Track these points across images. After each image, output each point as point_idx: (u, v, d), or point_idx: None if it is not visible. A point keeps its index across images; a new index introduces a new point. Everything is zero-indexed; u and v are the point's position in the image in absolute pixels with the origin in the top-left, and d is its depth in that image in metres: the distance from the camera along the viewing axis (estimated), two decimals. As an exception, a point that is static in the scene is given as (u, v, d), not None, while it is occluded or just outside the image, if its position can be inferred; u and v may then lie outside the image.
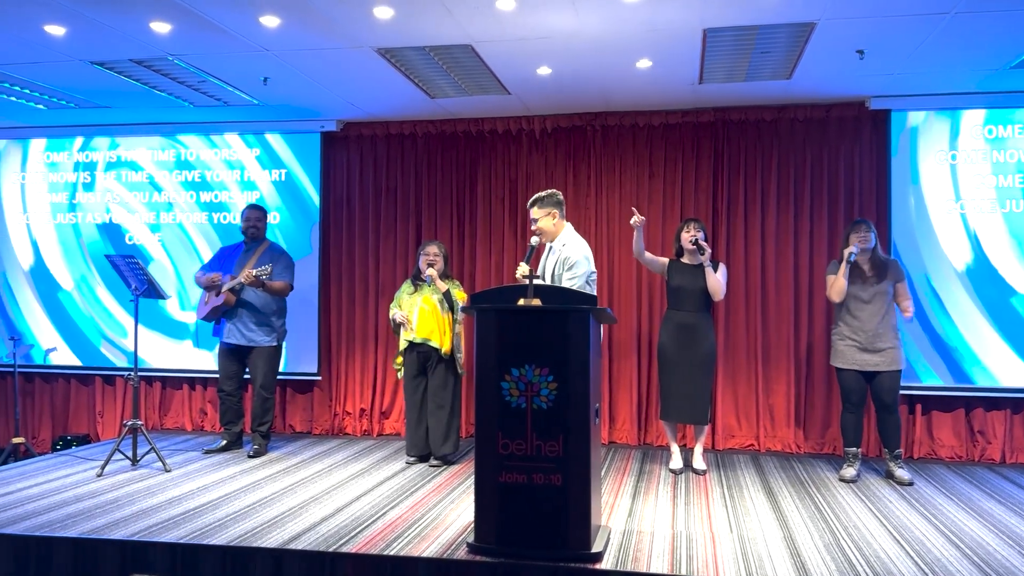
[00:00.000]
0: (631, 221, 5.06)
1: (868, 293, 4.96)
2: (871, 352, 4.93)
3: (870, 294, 4.96)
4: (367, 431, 6.60)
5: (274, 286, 5.65)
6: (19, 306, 6.99)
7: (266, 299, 5.68)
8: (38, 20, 4.29)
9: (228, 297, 5.60)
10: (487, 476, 3.52)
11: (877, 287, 4.96)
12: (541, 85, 5.47)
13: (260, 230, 5.82)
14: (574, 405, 3.44)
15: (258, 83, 5.47)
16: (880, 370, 4.92)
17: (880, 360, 4.91)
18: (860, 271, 5.01)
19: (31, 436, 6.97)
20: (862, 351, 4.95)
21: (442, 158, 6.55)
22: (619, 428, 6.27)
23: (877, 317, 4.94)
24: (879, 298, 4.95)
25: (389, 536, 3.82)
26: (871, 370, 4.94)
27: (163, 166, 6.85)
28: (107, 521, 4.05)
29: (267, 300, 5.69)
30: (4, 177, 7.05)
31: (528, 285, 3.59)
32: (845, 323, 5.03)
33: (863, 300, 4.97)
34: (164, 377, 6.83)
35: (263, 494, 4.63)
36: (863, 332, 4.94)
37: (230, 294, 5.60)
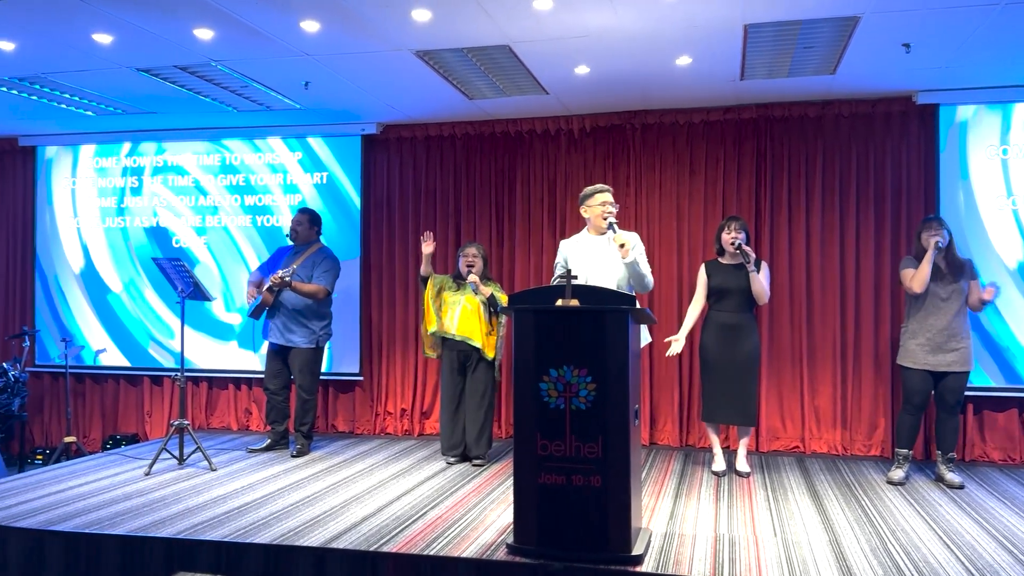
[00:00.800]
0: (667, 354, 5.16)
1: (946, 291, 4.86)
2: (944, 352, 4.82)
3: (948, 292, 4.85)
4: (408, 431, 6.64)
5: (303, 288, 5.67)
6: (70, 308, 7.17)
7: (303, 301, 5.74)
8: (86, 29, 4.39)
9: (266, 296, 5.71)
10: (526, 477, 3.51)
11: (954, 285, 4.85)
12: (579, 84, 5.45)
13: (300, 233, 5.89)
14: (613, 406, 3.42)
15: (299, 87, 5.54)
16: (950, 371, 4.81)
17: (952, 360, 4.80)
18: (937, 269, 4.89)
19: (82, 435, 7.15)
20: (934, 352, 4.83)
21: (480, 159, 6.57)
22: (660, 430, 6.21)
23: (951, 315, 4.83)
24: (956, 296, 4.85)
25: (429, 536, 3.84)
26: (941, 370, 4.83)
27: (208, 170, 6.97)
28: (154, 519, 4.13)
29: (304, 302, 5.75)
30: (55, 182, 7.24)
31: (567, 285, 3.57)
32: (918, 321, 4.91)
33: (941, 298, 4.86)
34: (210, 377, 6.96)
35: (306, 493, 4.69)
36: (938, 331, 4.83)
37: (268, 293, 5.70)
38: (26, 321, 7.22)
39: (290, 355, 5.79)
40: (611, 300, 3.57)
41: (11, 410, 6.31)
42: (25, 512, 4.25)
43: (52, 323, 7.17)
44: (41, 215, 7.25)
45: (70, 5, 4.02)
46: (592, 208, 4.50)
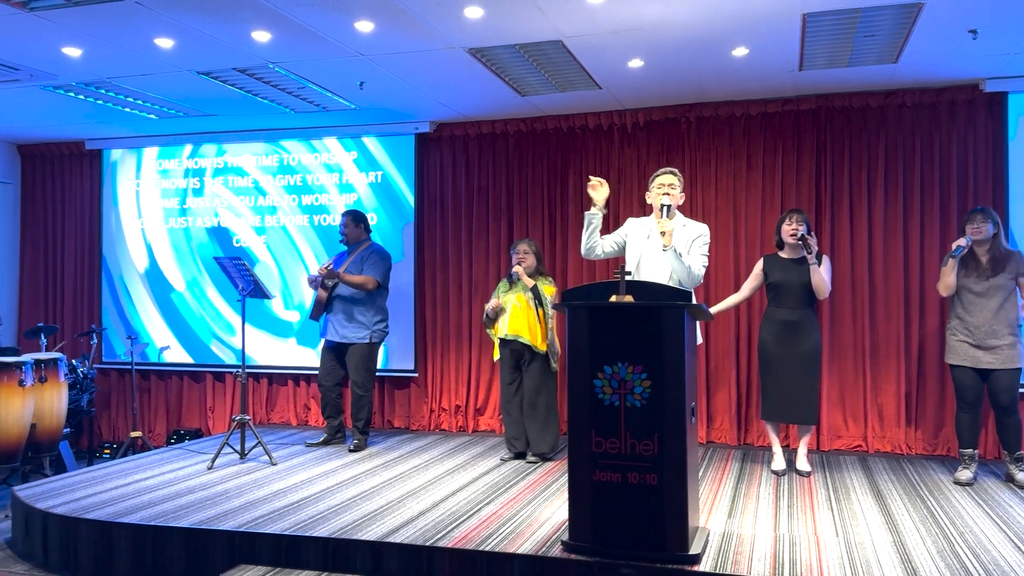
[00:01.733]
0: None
1: (982, 286, 4.68)
2: (984, 349, 4.66)
3: (984, 287, 4.68)
4: (463, 427, 6.68)
5: (351, 279, 5.77)
6: (135, 307, 7.39)
7: (357, 297, 5.84)
8: (149, 34, 4.51)
9: (320, 293, 5.82)
10: (581, 474, 3.50)
11: (993, 281, 4.67)
12: (632, 78, 5.40)
13: (349, 235, 6.00)
14: (669, 403, 3.38)
15: (355, 87, 5.60)
16: (995, 368, 4.64)
17: (993, 359, 4.63)
18: (976, 263, 4.72)
19: (148, 430, 7.36)
20: (975, 347, 4.68)
21: (533, 155, 6.56)
22: (718, 428, 6.12)
23: (990, 312, 4.65)
24: (994, 292, 4.66)
25: (484, 532, 3.85)
26: (985, 368, 4.67)
27: (267, 171, 7.11)
28: (217, 512, 4.23)
29: (363, 298, 5.84)
30: (120, 184, 7.47)
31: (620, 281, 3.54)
32: (958, 317, 4.77)
33: (975, 293, 4.69)
34: (270, 374, 7.10)
35: (363, 488, 4.75)
36: (975, 328, 4.67)
37: (322, 290, 5.84)
38: (94, 319, 7.47)
39: (346, 351, 5.88)
40: (667, 296, 3.52)
41: (80, 406, 6.54)
42: (94, 504, 4.39)
43: (118, 321, 7.40)
44: (107, 216, 7.49)
45: (133, 11, 4.14)
46: (652, 191, 4.40)
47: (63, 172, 7.64)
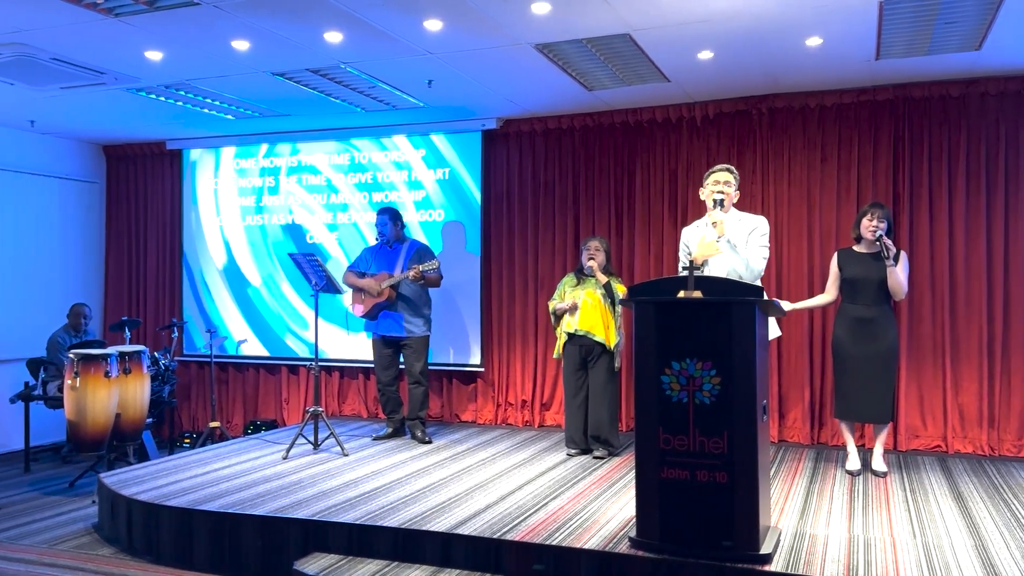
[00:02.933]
0: None
1: None
2: None
3: None
4: (528, 422, 6.70)
5: (432, 279, 5.93)
6: (214, 301, 7.64)
7: (419, 292, 5.96)
8: (226, 36, 4.66)
9: (390, 293, 5.89)
10: (648, 471, 3.47)
11: None
12: (702, 70, 5.32)
13: (389, 233, 6.06)
14: (739, 401, 3.33)
15: (423, 86, 5.67)
16: None
17: None
18: None
19: (226, 421, 7.61)
20: None
21: (600, 151, 6.53)
22: (790, 426, 6.00)
23: None
24: None
25: (551, 526, 3.86)
26: None
27: (339, 169, 7.26)
28: (291, 501, 4.35)
29: (420, 293, 5.97)
30: (199, 183, 7.73)
31: (689, 276, 3.51)
32: None
33: None
34: (342, 367, 7.25)
35: (431, 480, 4.82)
36: None
37: (391, 290, 5.89)
38: (175, 313, 7.75)
39: (406, 345, 5.97)
40: (737, 291, 3.47)
41: (162, 397, 6.80)
42: (175, 492, 4.57)
43: (198, 315, 7.67)
44: (187, 214, 7.76)
45: (211, 14, 4.28)
46: (705, 189, 4.39)
47: (145, 172, 7.95)
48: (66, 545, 4.53)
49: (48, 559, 4.28)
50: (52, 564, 4.20)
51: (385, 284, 5.90)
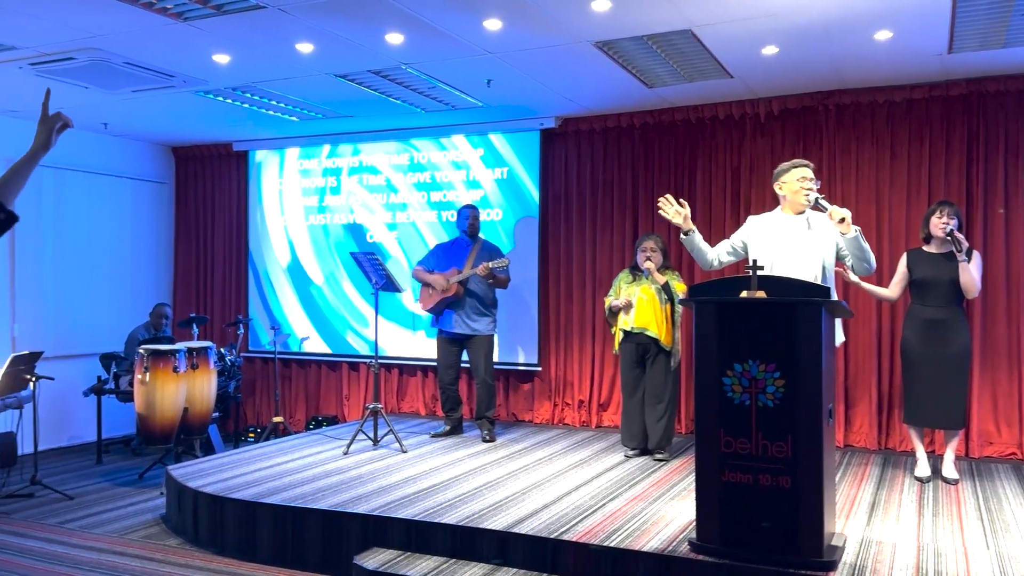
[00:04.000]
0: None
1: None
2: None
3: None
4: (585, 422, 6.67)
5: (501, 279, 5.96)
6: (278, 299, 7.81)
7: (486, 290, 5.96)
8: (291, 39, 4.75)
9: (457, 289, 5.91)
10: (709, 474, 3.42)
11: None
12: (766, 66, 5.22)
13: (476, 227, 6.13)
14: (804, 404, 3.25)
15: (482, 85, 5.69)
16: None
17: None
18: None
19: (289, 416, 7.76)
20: None
21: (660, 148, 6.45)
22: (856, 431, 5.84)
23: None
24: None
25: (609, 527, 3.83)
26: None
27: (398, 169, 7.34)
28: (351, 496, 4.41)
29: (488, 291, 5.97)
30: (264, 184, 7.90)
31: (752, 276, 3.44)
32: None
33: None
34: (401, 364, 7.33)
35: (488, 478, 4.83)
36: None
37: (459, 286, 5.91)
38: (241, 311, 7.94)
39: (472, 343, 5.99)
40: (801, 292, 3.39)
41: (228, 391, 6.97)
42: (240, 485, 4.68)
43: (263, 312, 7.84)
44: (253, 214, 7.94)
45: (277, 17, 4.37)
46: (788, 184, 4.10)
47: (213, 172, 8.16)
48: (135, 535, 4.68)
49: (118, 548, 4.42)
50: (122, 553, 4.34)
51: (453, 280, 5.93)
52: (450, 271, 5.99)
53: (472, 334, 5.98)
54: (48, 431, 6.72)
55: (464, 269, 5.94)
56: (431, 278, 6.05)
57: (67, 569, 4.09)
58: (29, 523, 4.88)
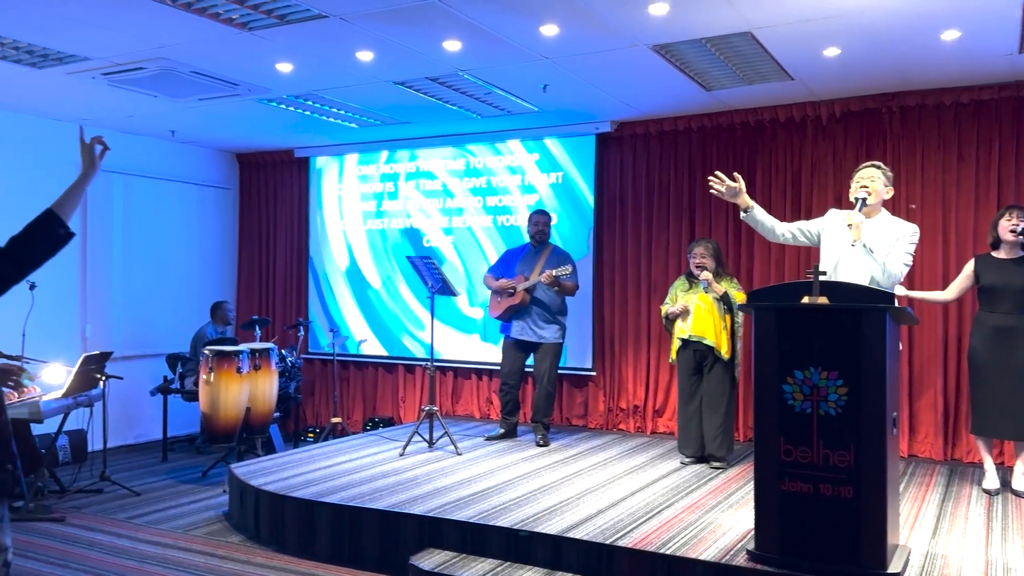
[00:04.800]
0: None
1: None
2: None
3: None
4: (640, 428, 6.62)
5: (567, 286, 5.92)
6: (337, 302, 7.94)
7: (554, 298, 5.94)
8: (351, 48, 4.83)
9: (523, 296, 5.92)
10: (768, 483, 3.37)
11: None
12: (828, 67, 5.12)
13: (546, 234, 6.11)
14: (867, 412, 3.18)
15: (538, 91, 5.71)
16: None
17: None
18: None
19: (346, 417, 7.88)
20: None
21: (717, 152, 6.38)
22: (920, 441, 5.68)
23: None
24: None
25: (664, 535, 3.80)
26: None
27: (454, 174, 7.40)
28: (407, 497, 4.46)
29: (555, 299, 5.95)
30: (324, 189, 8.05)
31: (814, 281, 3.38)
32: None
33: None
34: (456, 368, 7.39)
35: (542, 482, 4.83)
36: None
37: (525, 293, 5.92)
38: (301, 313, 8.10)
39: (539, 350, 6.00)
40: (865, 298, 3.31)
41: (288, 392, 7.12)
42: (300, 484, 4.77)
43: (322, 315, 7.99)
44: (313, 219, 8.10)
45: (338, 26, 4.45)
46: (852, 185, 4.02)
47: (275, 178, 8.35)
48: (199, 531, 4.81)
49: (183, 544, 4.55)
50: (187, 549, 4.46)
51: (520, 287, 5.95)
52: (516, 278, 6.01)
53: (539, 341, 5.98)
54: (117, 429, 6.95)
55: (531, 276, 5.94)
56: (498, 285, 6.08)
57: (135, 563, 4.23)
58: (98, 518, 5.06)
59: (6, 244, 2.22)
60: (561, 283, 5.85)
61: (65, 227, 2.28)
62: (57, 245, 2.28)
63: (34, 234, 2.23)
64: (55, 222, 2.26)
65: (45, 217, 2.27)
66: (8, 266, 2.19)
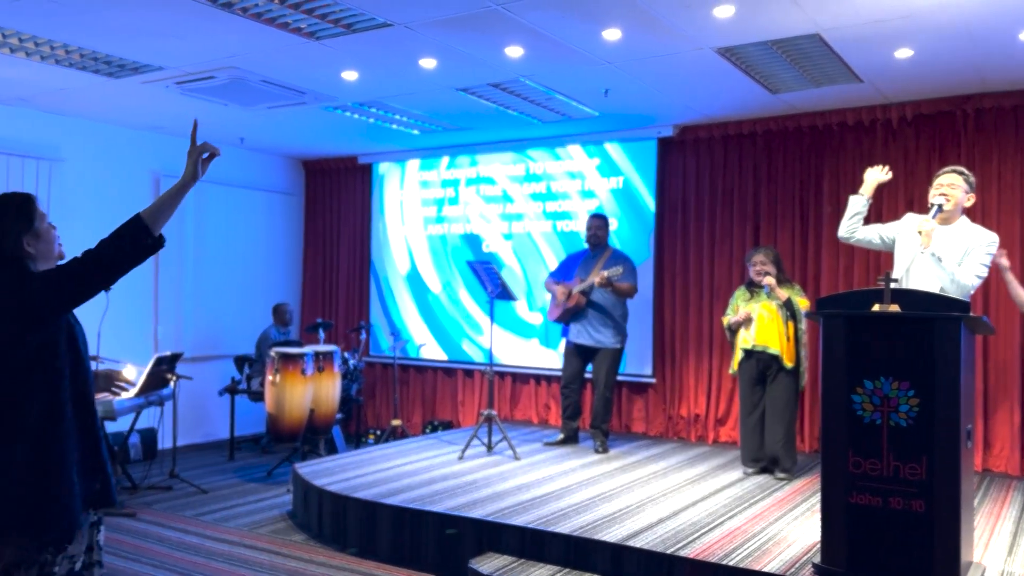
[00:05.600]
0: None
1: None
2: None
3: None
4: (701, 437, 6.53)
5: (621, 287, 5.85)
6: (398, 306, 8.04)
7: (613, 302, 5.90)
8: (415, 55, 4.89)
9: (579, 299, 5.91)
10: (835, 495, 3.28)
11: None
12: (900, 69, 4.98)
13: (601, 238, 6.07)
14: (940, 424, 3.07)
15: (599, 95, 5.69)
16: None
17: None
18: None
19: (406, 419, 7.97)
20: None
21: (784, 156, 6.26)
22: (996, 455, 5.47)
23: None
24: None
25: (727, 546, 3.74)
26: None
27: (514, 179, 7.43)
28: (466, 500, 4.48)
29: (614, 303, 5.91)
30: (386, 195, 8.16)
31: (885, 289, 3.28)
32: None
33: None
34: (514, 372, 7.40)
35: (602, 489, 4.80)
36: None
37: (580, 296, 5.90)
38: (363, 317, 8.22)
39: (597, 355, 5.97)
40: (939, 306, 3.21)
41: (350, 394, 7.23)
42: (361, 484, 4.84)
43: (383, 319, 8.09)
44: (375, 224, 8.22)
45: (402, 34, 4.52)
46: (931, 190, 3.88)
47: (339, 184, 8.50)
48: (264, 529, 4.91)
49: (248, 542, 4.65)
50: (252, 547, 4.56)
51: (576, 289, 5.94)
52: (574, 281, 6.00)
53: (597, 346, 5.95)
54: (186, 428, 7.16)
55: (587, 279, 5.92)
56: (556, 288, 6.08)
57: (202, 559, 4.34)
58: (168, 514, 5.22)
59: (94, 247, 2.16)
60: (615, 284, 5.79)
61: (152, 236, 2.18)
62: (143, 253, 2.18)
63: (118, 240, 2.14)
64: (141, 231, 2.16)
65: (131, 224, 2.17)
66: (95, 271, 2.13)
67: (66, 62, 5.06)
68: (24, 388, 2.08)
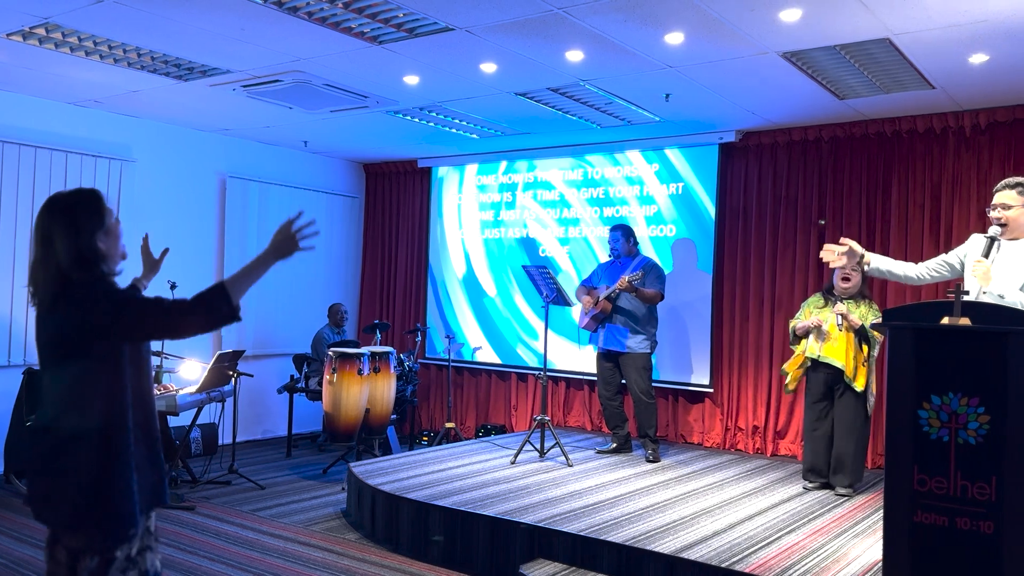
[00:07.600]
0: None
1: None
2: None
3: None
4: (759, 449, 6.39)
5: (646, 293, 5.82)
6: (454, 309, 8.08)
7: (641, 307, 5.87)
8: (476, 60, 4.92)
9: (605, 305, 5.89)
10: (899, 513, 3.17)
11: None
12: (973, 75, 4.81)
13: (618, 249, 6.04)
14: (1012, 442, 2.94)
15: (659, 100, 5.63)
16: None
17: None
18: None
19: (460, 422, 7.99)
20: None
21: (850, 163, 6.10)
22: (1072, 477, 5.22)
23: None
24: None
25: (785, 561, 3.65)
26: None
27: (572, 184, 7.40)
28: (518, 505, 4.47)
29: (642, 308, 5.88)
30: (445, 198, 8.22)
31: (955, 301, 3.16)
32: None
33: None
34: (568, 378, 7.36)
35: (656, 499, 4.73)
36: None
37: (606, 302, 5.88)
38: (419, 319, 8.29)
39: (624, 360, 5.92)
40: (1012, 320, 3.08)
41: (405, 396, 7.29)
42: (414, 485, 4.86)
43: (439, 322, 8.14)
44: (433, 227, 8.28)
45: (463, 39, 4.54)
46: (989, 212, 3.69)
47: (399, 188, 8.59)
48: (318, 527, 4.98)
49: (303, 538, 4.72)
50: (306, 543, 4.63)
51: (602, 296, 5.92)
52: (601, 288, 5.99)
53: (624, 351, 5.91)
54: (245, 424, 7.31)
55: (613, 287, 5.91)
56: (584, 298, 6.09)
57: (258, 554, 4.42)
58: (225, 508, 5.33)
59: (171, 304, 2.15)
60: (639, 290, 5.77)
61: (230, 306, 2.16)
62: (218, 323, 2.18)
63: (197, 307, 2.13)
64: (222, 300, 2.15)
65: (214, 292, 2.16)
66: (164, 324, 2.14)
67: (137, 65, 5.23)
68: (89, 393, 2.11)
